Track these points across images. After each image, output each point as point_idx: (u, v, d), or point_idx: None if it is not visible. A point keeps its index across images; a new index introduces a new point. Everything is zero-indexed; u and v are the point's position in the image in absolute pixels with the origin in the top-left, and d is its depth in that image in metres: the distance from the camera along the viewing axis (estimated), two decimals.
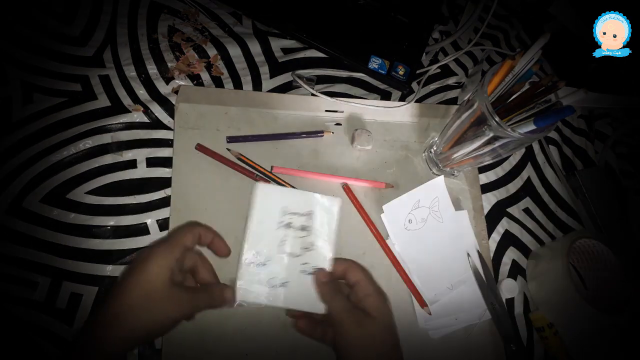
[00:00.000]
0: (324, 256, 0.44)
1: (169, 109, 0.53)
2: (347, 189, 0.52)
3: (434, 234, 0.53)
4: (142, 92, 0.53)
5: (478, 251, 0.53)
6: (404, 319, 0.50)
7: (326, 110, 0.56)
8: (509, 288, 0.53)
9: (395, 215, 0.53)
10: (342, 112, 0.57)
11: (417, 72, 0.62)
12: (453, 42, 0.67)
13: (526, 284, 0.56)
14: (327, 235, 0.45)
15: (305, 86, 0.56)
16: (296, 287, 0.43)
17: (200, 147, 0.51)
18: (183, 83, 0.55)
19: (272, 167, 0.52)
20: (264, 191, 0.45)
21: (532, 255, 0.58)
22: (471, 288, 0.52)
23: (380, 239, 0.51)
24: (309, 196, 0.45)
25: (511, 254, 0.57)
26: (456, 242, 0.53)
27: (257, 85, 0.57)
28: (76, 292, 0.45)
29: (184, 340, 0.44)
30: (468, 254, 0.53)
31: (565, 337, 0.53)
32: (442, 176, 0.54)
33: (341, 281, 0.44)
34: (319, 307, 0.42)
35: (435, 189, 0.54)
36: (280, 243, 0.44)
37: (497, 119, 0.41)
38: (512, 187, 0.61)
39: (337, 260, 0.44)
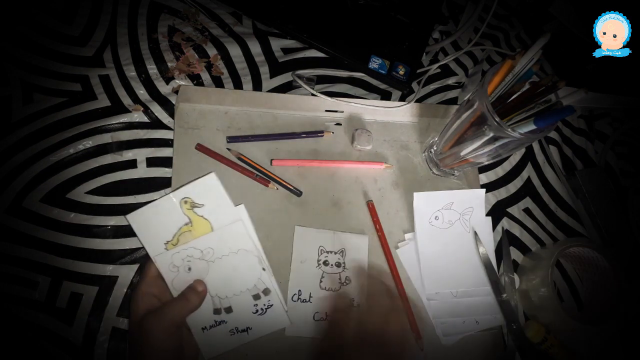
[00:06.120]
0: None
1: (169, 108, 0.53)
2: (370, 205, 0.53)
3: (455, 240, 0.53)
4: (142, 92, 0.53)
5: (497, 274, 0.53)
6: None
7: (326, 110, 0.56)
8: None
9: (424, 206, 0.53)
10: (342, 112, 0.57)
11: (417, 72, 0.62)
12: (453, 42, 0.67)
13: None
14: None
15: (305, 86, 0.56)
16: None
17: (200, 147, 0.51)
18: (183, 83, 0.55)
19: (271, 161, 0.52)
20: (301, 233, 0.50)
21: (519, 270, 0.56)
22: (477, 302, 0.52)
23: (391, 259, 0.51)
24: (340, 235, 0.50)
25: (511, 254, 0.57)
26: (474, 257, 0.53)
27: (257, 85, 0.57)
28: (76, 291, 0.45)
29: None
30: (485, 268, 0.52)
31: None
32: (484, 190, 0.55)
33: None
34: None
35: (473, 199, 0.54)
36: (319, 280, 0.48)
37: (497, 119, 0.41)
38: (512, 187, 0.61)
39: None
